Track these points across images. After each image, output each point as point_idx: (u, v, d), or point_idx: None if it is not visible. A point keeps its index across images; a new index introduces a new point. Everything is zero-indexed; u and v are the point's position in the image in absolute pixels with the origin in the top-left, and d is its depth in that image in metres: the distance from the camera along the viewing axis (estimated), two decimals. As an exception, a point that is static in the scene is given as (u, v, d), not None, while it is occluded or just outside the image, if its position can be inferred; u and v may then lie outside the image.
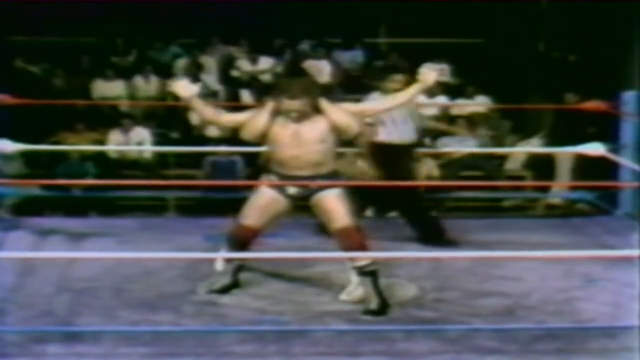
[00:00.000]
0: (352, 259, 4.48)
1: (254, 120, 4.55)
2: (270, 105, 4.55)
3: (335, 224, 4.46)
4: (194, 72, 9.97)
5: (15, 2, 8.91)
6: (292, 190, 4.52)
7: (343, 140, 4.65)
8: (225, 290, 4.66)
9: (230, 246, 4.63)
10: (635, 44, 8.39)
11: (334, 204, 4.47)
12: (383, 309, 4.41)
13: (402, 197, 5.63)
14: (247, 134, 4.57)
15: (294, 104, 4.44)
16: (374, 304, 4.42)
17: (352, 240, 4.42)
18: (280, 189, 4.53)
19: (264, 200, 4.56)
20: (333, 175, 4.54)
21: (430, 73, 4.66)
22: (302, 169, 4.49)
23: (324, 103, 4.51)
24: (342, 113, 4.51)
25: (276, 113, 4.51)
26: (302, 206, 4.63)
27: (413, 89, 4.74)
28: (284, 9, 10.35)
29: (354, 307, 4.47)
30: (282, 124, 4.49)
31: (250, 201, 4.60)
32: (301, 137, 4.46)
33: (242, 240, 4.60)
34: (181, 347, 3.96)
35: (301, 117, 4.46)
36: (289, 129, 4.47)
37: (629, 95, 6.52)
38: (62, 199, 8.29)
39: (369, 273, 4.46)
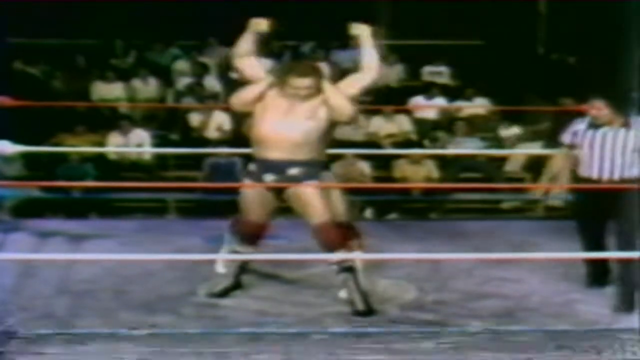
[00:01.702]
0: (329, 254, 4.45)
1: (248, 89, 4.58)
2: (269, 79, 4.56)
3: (313, 220, 4.44)
4: (199, 74, 9.99)
5: (14, 4, 8.91)
6: (269, 178, 4.50)
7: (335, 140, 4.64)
8: (226, 292, 4.65)
9: (239, 242, 4.62)
10: (634, 46, 8.38)
11: (312, 199, 4.44)
12: (368, 306, 4.40)
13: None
14: (237, 100, 4.59)
15: (304, 82, 4.45)
16: (359, 303, 4.42)
17: (329, 236, 4.41)
18: (257, 179, 4.49)
19: (250, 195, 4.55)
20: (311, 163, 4.46)
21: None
22: (281, 150, 4.43)
23: (325, 83, 4.53)
24: (339, 94, 4.50)
25: (279, 90, 4.51)
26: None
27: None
28: (283, 11, 10.35)
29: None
30: (276, 97, 4.50)
31: (242, 200, 4.59)
32: (292, 111, 4.45)
33: (250, 233, 4.58)
34: (181, 348, 3.96)
35: (308, 96, 4.46)
36: (283, 103, 4.47)
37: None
38: (62, 201, 8.30)
39: (348, 269, 4.45)
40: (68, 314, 4.37)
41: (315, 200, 4.43)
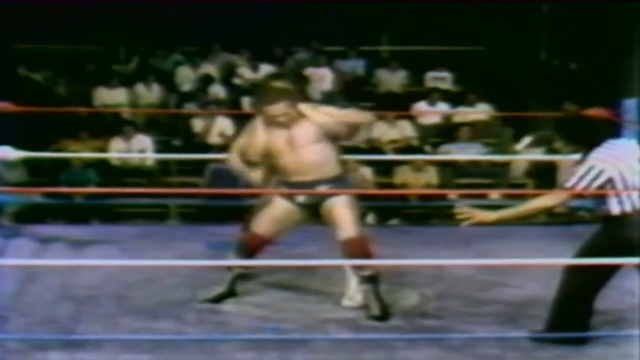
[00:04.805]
0: (355, 267, 4.48)
1: (252, 140, 4.59)
2: (258, 119, 4.58)
3: (343, 234, 4.47)
4: (204, 84, 10.01)
5: (17, 11, 8.93)
6: (301, 198, 4.54)
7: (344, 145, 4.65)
8: (220, 299, 4.65)
9: (238, 253, 4.63)
10: (635, 51, 8.39)
11: (342, 213, 4.48)
12: (385, 313, 4.42)
13: None
14: (253, 155, 4.59)
15: (277, 109, 4.47)
16: (375, 309, 4.43)
17: (358, 250, 4.43)
18: (291, 198, 4.55)
19: (279, 211, 4.58)
20: (339, 180, 4.54)
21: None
22: (305, 174, 4.50)
23: (303, 107, 4.54)
24: (322, 115, 4.54)
25: (267, 124, 4.53)
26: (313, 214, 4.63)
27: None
28: (285, 17, 10.37)
29: (356, 315, 4.48)
30: (276, 133, 4.52)
31: (265, 211, 4.61)
32: (295, 141, 4.48)
33: (252, 248, 4.60)
34: (183, 354, 3.96)
35: (290, 121, 4.48)
36: (283, 136, 4.50)
37: (630, 103, 6.53)
38: (64, 207, 8.30)
39: (371, 279, 4.47)
40: (70, 319, 4.37)
41: (345, 214, 4.48)
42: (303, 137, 4.49)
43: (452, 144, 9.26)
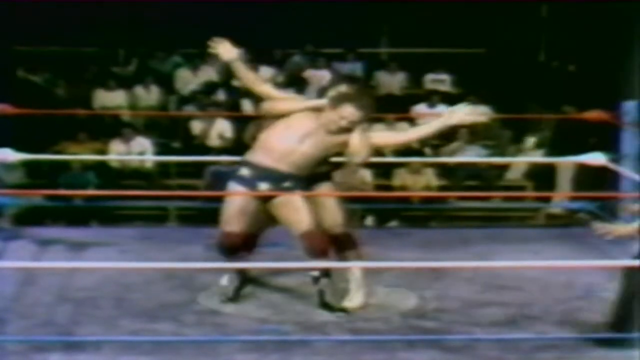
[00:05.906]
0: (311, 267, 4.47)
1: (288, 101, 4.56)
2: (316, 102, 4.55)
3: (300, 227, 4.45)
4: (207, 89, 10.02)
5: (17, 12, 8.94)
6: (262, 186, 4.47)
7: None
8: (238, 292, 4.65)
9: (221, 256, 4.60)
10: (635, 53, 8.40)
11: (296, 207, 4.44)
12: (330, 308, 4.50)
13: None
14: (270, 107, 4.53)
15: (356, 115, 4.41)
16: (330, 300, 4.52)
17: (315, 243, 4.42)
18: (250, 186, 4.48)
19: (237, 202, 4.52)
20: (304, 179, 4.48)
21: (457, 113, 4.61)
22: (285, 163, 4.43)
23: (359, 128, 4.47)
24: (363, 142, 4.46)
25: (313, 110, 4.49)
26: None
27: (436, 123, 4.68)
28: (285, 19, 10.38)
29: (355, 317, 4.48)
30: (305, 117, 4.47)
31: (225, 207, 4.57)
32: (313, 136, 4.43)
33: (229, 247, 4.54)
34: (182, 356, 3.96)
35: (343, 129, 4.42)
36: (309, 125, 4.45)
37: (629, 105, 6.52)
38: (63, 209, 8.30)
39: (326, 275, 4.51)
40: (69, 321, 4.37)
41: (302, 208, 4.44)
42: (322, 143, 4.43)
43: (451, 146, 9.27)
